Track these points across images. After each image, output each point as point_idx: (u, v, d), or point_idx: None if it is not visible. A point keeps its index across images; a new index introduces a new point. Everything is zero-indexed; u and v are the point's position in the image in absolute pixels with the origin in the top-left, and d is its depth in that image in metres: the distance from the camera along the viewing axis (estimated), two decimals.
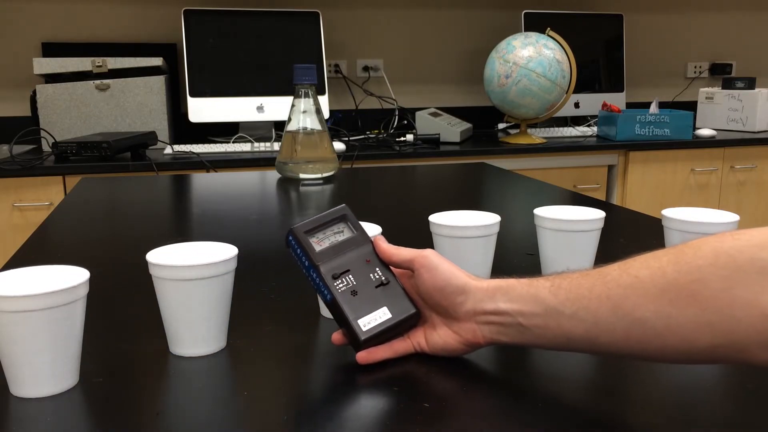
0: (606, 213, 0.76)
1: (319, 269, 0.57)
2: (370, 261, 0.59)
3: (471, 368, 0.56)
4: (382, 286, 0.58)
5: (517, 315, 0.51)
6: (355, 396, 0.51)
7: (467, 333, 0.54)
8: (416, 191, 1.41)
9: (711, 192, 2.56)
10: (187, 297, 0.56)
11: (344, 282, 0.57)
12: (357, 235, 0.60)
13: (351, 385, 0.53)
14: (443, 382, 0.54)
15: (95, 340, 0.61)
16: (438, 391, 0.53)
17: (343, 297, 0.56)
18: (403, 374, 0.55)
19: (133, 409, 0.49)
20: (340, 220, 0.61)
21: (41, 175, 1.94)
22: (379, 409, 0.49)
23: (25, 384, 0.51)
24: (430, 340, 0.57)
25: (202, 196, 1.35)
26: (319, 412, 0.49)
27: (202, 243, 0.62)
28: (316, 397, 0.51)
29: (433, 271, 0.55)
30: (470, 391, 0.53)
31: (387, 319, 0.56)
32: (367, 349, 0.56)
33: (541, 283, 0.51)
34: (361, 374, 0.55)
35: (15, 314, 0.49)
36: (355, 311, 0.56)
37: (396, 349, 0.57)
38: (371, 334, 0.55)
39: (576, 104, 2.73)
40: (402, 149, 2.25)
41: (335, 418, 0.48)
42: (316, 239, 0.59)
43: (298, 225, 0.59)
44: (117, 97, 2.23)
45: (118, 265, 0.86)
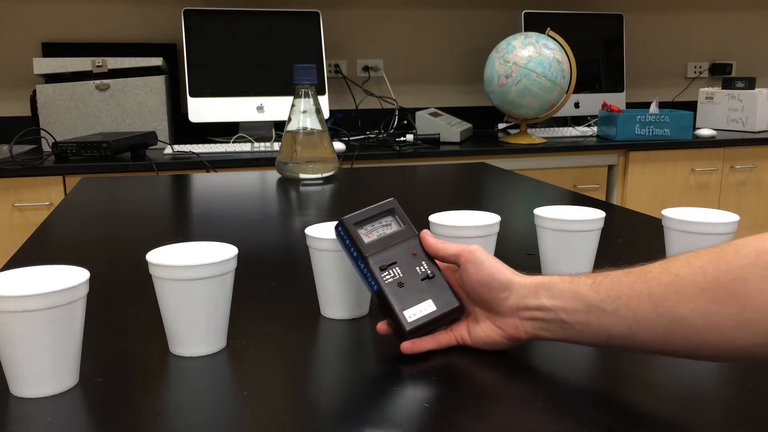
0: (606, 213, 0.76)
1: (368, 260, 0.59)
2: (417, 254, 0.60)
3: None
4: (427, 279, 0.59)
5: (560, 311, 0.52)
6: (355, 396, 0.51)
7: (510, 328, 0.55)
8: (416, 191, 1.41)
9: (711, 192, 2.56)
10: (187, 297, 0.56)
11: (391, 274, 0.58)
12: (404, 228, 0.62)
13: (351, 385, 0.53)
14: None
15: (95, 340, 0.61)
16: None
17: (390, 288, 0.58)
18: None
19: (133, 409, 0.49)
20: (389, 213, 0.62)
21: (41, 175, 1.94)
22: (380, 408, 0.49)
23: (25, 384, 0.51)
24: (473, 333, 0.58)
25: (202, 196, 1.35)
26: (320, 412, 0.49)
27: (202, 243, 0.62)
28: (317, 396, 0.51)
29: (479, 266, 0.56)
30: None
31: (432, 311, 0.58)
32: (412, 339, 0.57)
33: (582, 281, 0.52)
34: (364, 375, 0.55)
35: (15, 314, 0.49)
36: (401, 302, 0.57)
37: (440, 341, 0.59)
38: (416, 326, 0.57)
39: (576, 104, 2.73)
40: (402, 149, 2.25)
41: (336, 418, 0.48)
42: (365, 231, 0.60)
43: (348, 216, 0.60)
44: (117, 97, 2.23)
45: (118, 265, 0.86)
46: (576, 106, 2.73)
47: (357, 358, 0.59)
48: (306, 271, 0.78)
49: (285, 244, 0.97)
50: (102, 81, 2.22)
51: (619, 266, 0.51)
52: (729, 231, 0.73)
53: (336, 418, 0.48)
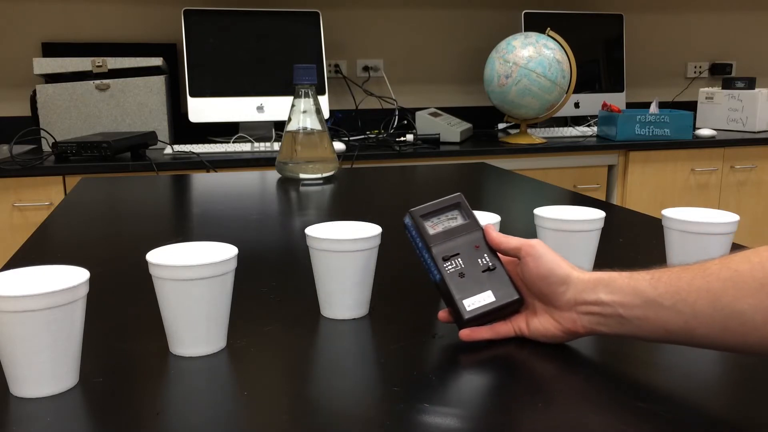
0: (606, 213, 0.76)
1: (431, 250, 0.61)
2: (480, 247, 0.62)
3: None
4: (488, 271, 0.61)
5: (617, 306, 0.53)
6: (355, 396, 0.51)
7: (567, 322, 0.56)
8: (416, 191, 1.41)
9: (711, 192, 2.56)
10: (187, 297, 0.56)
11: (453, 264, 0.61)
12: (469, 222, 0.63)
13: (351, 385, 0.53)
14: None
15: (95, 340, 0.61)
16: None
17: (451, 278, 0.60)
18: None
19: (133, 409, 0.49)
20: (455, 207, 0.64)
21: (41, 175, 1.94)
22: (378, 409, 0.49)
23: (25, 384, 0.51)
24: (531, 325, 0.59)
25: (202, 196, 1.35)
26: (320, 412, 0.49)
27: (202, 243, 0.62)
28: (317, 396, 0.51)
29: (538, 260, 0.57)
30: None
31: (491, 302, 0.59)
32: (471, 327, 0.60)
33: (641, 276, 0.52)
34: (364, 375, 0.55)
35: (15, 314, 0.49)
36: (461, 292, 0.60)
37: (498, 331, 0.60)
38: (474, 315, 0.59)
39: (576, 104, 2.73)
40: (402, 149, 2.25)
41: (336, 418, 0.48)
42: (431, 223, 0.63)
43: (415, 209, 0.63)
44: (117, 97, 2.24)
45: (118, 265, 0.86)
46: (576, 106, 2.73)
47: (357, 358, 0.59)
48: (306, 271, 0.78)
49: (285, 244, 0.97)
50: (102, 81, 2.22)
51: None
52: (729, 231, 0.73)
53: (336, 418, 0.48)
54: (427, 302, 0.71)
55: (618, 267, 0.56)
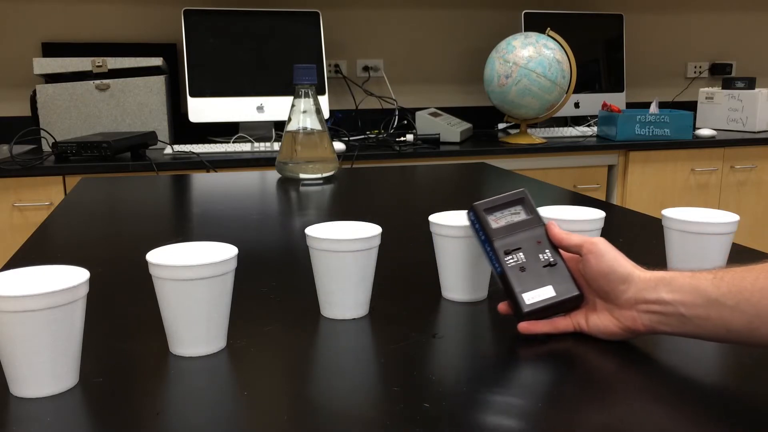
0: (606, 213, 0.76)
1: (493, 244, 0.63)
2: (542, 242, 0.63)
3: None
4: (549, 266, 0.62)
5: (679, 305, 0.53)
6: (355, 396, 0.51)
7: (627, 320, 0.57)
8: (416, 191, 1.41)
9: (711, 192, 2.56)
10: (187, 297, 0.56)
11: (514, 258, 0.62)
12: (532, 217, 0.64)
13: (351, 385, 0.53)
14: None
15: (95, 340, 0.61)
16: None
17: (512, 271, 0.61)
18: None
19: (133, 409, 0.49)
20: (518, 202, 0.65)
21: (41, 175, 1.94)
22: (378, 409, 0.49)
23: (25, 384, 0.51)
24: (591, 322, 0.60)
25: (202, 196, 1.35)
26: (320, 412, 0.49)
27: (202, 243, 0.62)
28: (317, 396, 0.51)
29: (600, 257, 0.58)
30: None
31: (550, 296, 0.61)
32: (530, 321, 0.61)
33: (704, 276, 0.53)
34: (364, 375, 0.55)
35: (15, 314, 0.49)
36: (521, 285, 0.61)
37: (557, 326, 0.61)
38: (533, 308, 0.60)
39: (576, 104, 2.73)
40: (402, 149, 2.25)
41: (336, 418, 0.48)
42: (494, 217, 0.64)
43: (479, 203, 0.65)
44: (117, 97, 2.24)
45: (118, 265, 0.86)
46: (576, 106, 2.73)
47: (357, 358, 0.59)
48: (306, 271, 0.78)
49: (285, 244, 0.97)
50: (102, 81, 2.22)
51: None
52: (729, 231, 0.73)
53: (336, 418, 0.48)
54: (427, 302, 0.71)
55: None
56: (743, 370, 0.56)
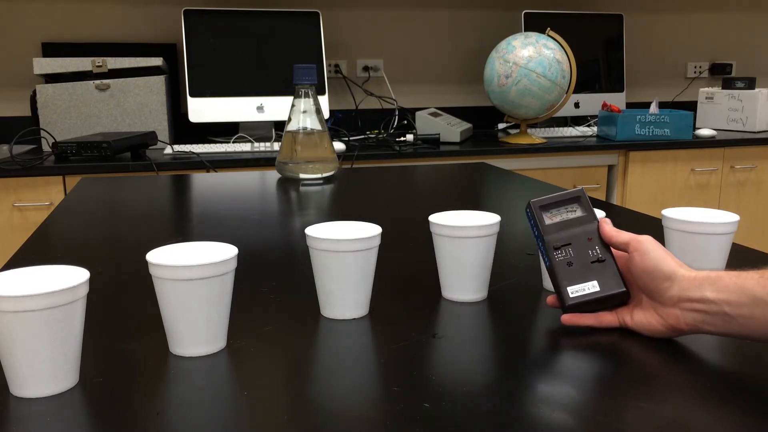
0: (606, 213, 0.76)
1: (544, 239, 0.66)
2: (592, 239, 0.65)
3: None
4: (598, 262, 0.64)
5: (723, 304, 0.53)
6: (355, 396, 0.51)
7: (670, 318, 0.58)
8: (416, 191, 1.41)
9: (711, 192, 2.56)
10: (187, 297, 0.56)
11: (563, 253, 0.65)
12: (586, 215, 0.67)
13: (351, 385, 0.53)
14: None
15: (95, 340, 0.61)
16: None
17: (559, 265, 0.64)
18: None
19: (133, 409, 0.49)
20: (575, 201, 0.68)
21: (41, 175, 1.94)
22: (378, 409, 0.49)
23: (25, 384, 0.51)
24: (636, 318, 0.61)
25: (202, 196, 1.35)
26: (319, 412, 0.49)
27: (202, 243, 0.62)
28: (316, 396, 0.51)
29: (645, 255, 0.59)
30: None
31: (594, 291, 0.62)
32: (574, 313, 0.63)
33: (750, 275, 0.53)
34: (364, 375, 0.55)
35: (15, 314, 0.49)
36: (566, 279, 0.64)
37: (601, 320, 0.63)
38: (576, 302, 0.63)
39: (576, 104, 2.73)
40: (402, 149, 2.25)
41: (336, 418, 0.48)
42: (549, 214, 0.67)
43: (535, 200, 0.68)
44: (117, 97, 2.24)
45: (118, 265, 0.86)
46: (576, 106, 2.73)
47: (357, 358, 0.59)
48: (306, 271, 0.78)
49: (285, 244, 0.97)
50: (102, 81, 2.22)
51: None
52: (729, 231, 0.73)
53: (336, 418, 0.48)
54: (427, 302, 0.71)
55: None
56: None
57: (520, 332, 0.63)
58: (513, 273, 0.81)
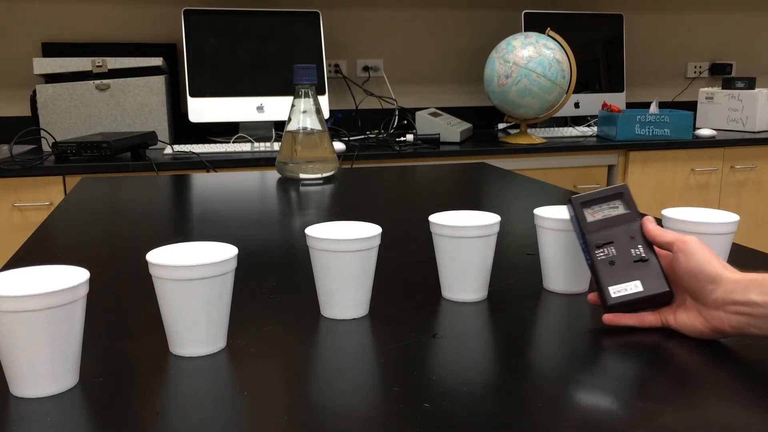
0: None
1: (586, 237, 0.65)
2: (635, 238, 0.64)
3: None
4: (641, 262, 0.63)
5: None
6: (355, 396, 0.51)
7: (714, 320, 0.57)
8: (416, 191, 1.41)
9: (711, 192, 2.56)
10: (187, 297, 0.56)
11: (605, 252, 0.64)
12: (629, 213, 0.66)
13: (351, 385, 0.53)
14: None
15: (95, 340, 0.61)
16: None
17: (601, 264, 0.63)
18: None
19: (133, 409, 0.49)
20: (618, 197, 0.67)
21: (41, 175, 1.94)
22: (378, 409, 0.49)
23: (24, 384, 0.51)
24: (679, 318, 0.61)
25: (202, 196, 1.35)
26: (319, 412, 0.49)
27: (202, 243, 0.62)
28: (317, 397, 0.51)
29: (689, 256, 0.59)
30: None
31: (637, 291, 0.62)
32: (615, 313, 0.62)
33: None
34: (364, 375, 0.55)
35: (15, 314, 0.49)
36: (608, 278, 0.63)
37: (644, 320, 0.62)
38: (618, 302, 0.62)
39: (576, 104, 2.73)
40: (402, 149, 2.25)
41: (336, 418, 0.48)
42: (591, 210, 0.66)
43: (576, 196, 0.67)
44: (117, 97, 2.24)
45: (118, 265, 0.86)
46: (576, 106, 2.73)
47: (357, 358, 0.59)
48: (306, 271, 0.78)
49: (285, 244, 0.97)
50: (102, 81, 2.22)
51: None
52: (729, 231, 0.73)
53: (336, 418, 0.48)
54: (427, 302, 0.71)
55: None
56: None
57: (520, 332, 0.63)
58: (513, 273, 0.81)
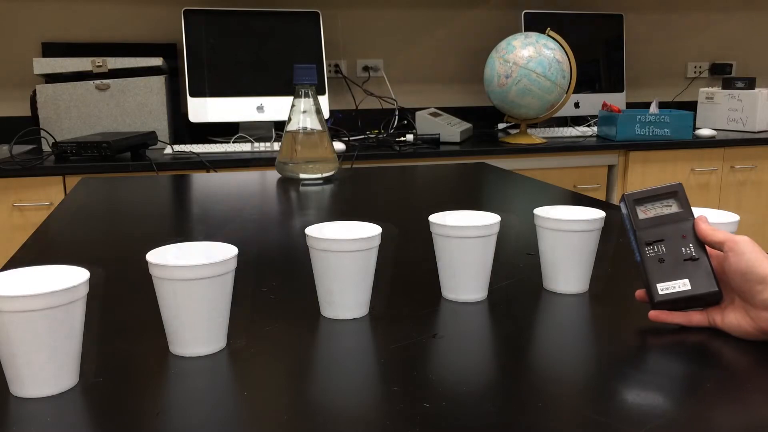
0: (606, 213, 0.76)
1: (636, 234, 0.65)
2: (686, 237, 0.64)
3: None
4: (691, 260, 0.63)
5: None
6: (355, 396, 0.51)
7: (763, 321, 0.57)
8: (416, 191, 1.41)
9: (711, 192, 2.56)
10: (187, 297, 0.57)
11: (655, 249, 0.64)
12: (682, 211, 0.65)
13: (351, 385, 0.53)
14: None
15: (95, 340, 0.61)
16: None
17: (650, 261, 0.64)
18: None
19: (133, 409, 0.49)
20: (671, 195, 0.66)
21: (41, 175, 1.94)
22: (378, 409, 0.49)
23: (25, 384, 0.51)
24: (727, 318, 0.61)
25: (202, 196, 1.35)
26: (319, 412, 0.49)
27: (202, 243, 0.62)
28: (316, 396, 0.51)
29: (739, 256, 0.58)
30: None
31: (685, 290, 0.62)
32: (662, 310, 0.63)
33: None
34: (364, 375, 0.55)
35: (15, 314, 0.49)
36: (656, 276, 0.63)
37: (691, 319, 0.63)
38: (665, 299, 0.62)
39: (576, 104, 2.73)
40: (402, 149, 2.25)
41: (336, 418, 0.48)
42: (644, 208, 0.66)
43: (629, 193, 0.67)
44: (117, 97, 2.24)
45: (118, 265, 0.86)
46: (576, 106, 2.73)
47: (357, 358, 0.59)
48: (306, 271, 0.78)
49: (285, 244, 0.97)
50: (102, 81, 2.22)
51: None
52: (729, 231, 0.73)
53: (336, 418, 0.48)
54: (428, 302, 0.71)
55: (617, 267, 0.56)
56: None
57: (520, 332, 0.63)
58: (513, 273, 0.81)
